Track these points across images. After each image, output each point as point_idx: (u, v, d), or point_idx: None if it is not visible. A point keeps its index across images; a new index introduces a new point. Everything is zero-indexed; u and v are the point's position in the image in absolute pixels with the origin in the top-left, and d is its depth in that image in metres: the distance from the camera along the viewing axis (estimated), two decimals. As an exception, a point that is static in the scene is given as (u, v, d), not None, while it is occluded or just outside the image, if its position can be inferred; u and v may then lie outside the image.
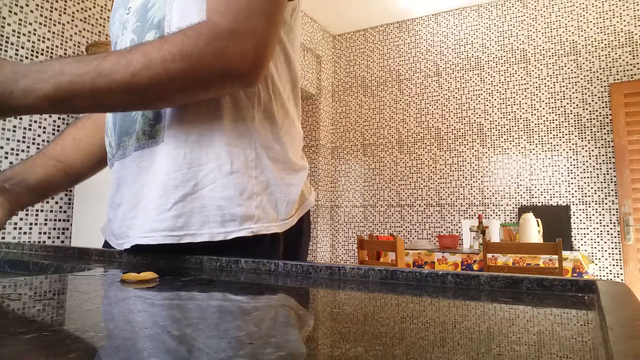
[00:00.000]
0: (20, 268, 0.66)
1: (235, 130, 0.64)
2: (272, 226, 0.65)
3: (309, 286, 0.45)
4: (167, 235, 0.62)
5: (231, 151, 0.63)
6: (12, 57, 2.17)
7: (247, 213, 0.63)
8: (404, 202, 4.29)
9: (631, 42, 3.56)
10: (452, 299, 0.39)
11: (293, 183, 0.70)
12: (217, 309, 0.33)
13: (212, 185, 0.62)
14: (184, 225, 0.62)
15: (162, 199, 0.62)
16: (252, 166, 0.64)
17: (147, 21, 0.65)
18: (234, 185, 0.63)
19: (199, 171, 0.63)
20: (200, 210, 0.62)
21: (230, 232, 0.62)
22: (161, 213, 0.62)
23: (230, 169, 0.63)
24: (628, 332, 0.23)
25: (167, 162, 0.63)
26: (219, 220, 0.62)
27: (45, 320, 0.29)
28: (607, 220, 3.50)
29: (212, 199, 0.62)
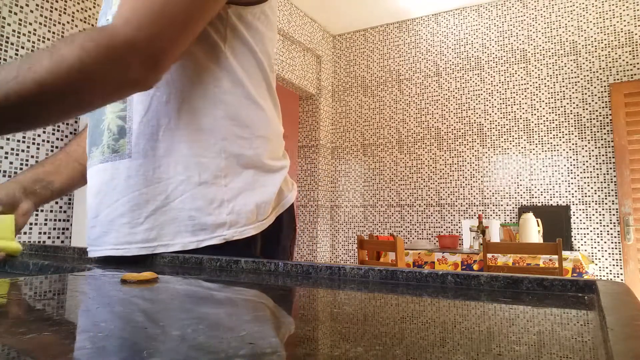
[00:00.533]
0: (20, 268, 0.66)
1: (203, 140, 0.65)
2: (247, 229, 0.66)
3: (309, 286, 0.45)
4: (141, 247, 0.64)
5: (199, 162, 0.65)
6: (12, 57, 2.17)
7: (218, 221, 0.64)
8: (404, 202, 4.29)
9: (631, 42, 3.56)
10: (452, 299, 0.39)
11: (269, 184, 0.71)
12: (216, 309, 0.33)
13: (182, 197, 0.64)
14: (157, 237, 0.64)
15: (134, 214, 0.65)
16: (222, 175, 0.66)
17: None
18: (203, 195, 0.64)
19: (168, 184, 0.64)
20: (172, 222, 0.64)
21: (202, 240, 0.64)
22: (134, 227, 0.64)
23: (198, 180, 0.65)
24: (628, 332, 0.23)
25: (137, 178, 0.65)
26: (191, 230, 0.64)
27: (45, 320, 0.29)
28: (607, 220, 3.50)
29: (183, 210, 0.64)
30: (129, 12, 0.55)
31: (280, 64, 4.06)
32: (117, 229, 0.65)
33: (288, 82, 4.21)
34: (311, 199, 4.48)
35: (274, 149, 0.74)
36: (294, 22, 4.19)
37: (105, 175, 0.67)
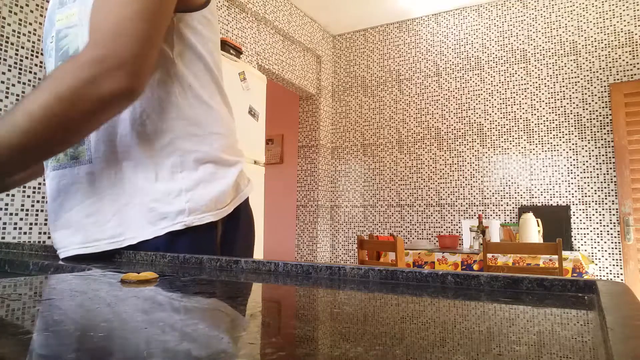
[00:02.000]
0: (20, 268, 0.66)
1: (158, 141, 0.69)
2: (206, 216, 0.70)
3: (309, 286, 0.45)
4: (110, 242, 0.68)
5: (156, 162, 0.69)
6: (12, 57, 2.17)
7: (178, 208, 0.68)
8: (404, 202, 4.29)
9: (631, 42, 3.56)
10: (452, 299, 0.39)
11: (226, 176, 0.75)
12: (216, 309, 0.33)
13: (142, 193, 0.69)
14: (123, 232, 0.68)
15: (100, 214, 0.69)
16: (178, 171, 0.70)
17: (60, 50, 0.70)
18: (162, 190, 0.69)
19: (130, 184, 0.69)
20: (136, 216, 0.68)
21: (163, 228, 0.68)
22: (102, 225, 0.69)
23: (155, 178, 0.69)
24: (628, 332, 0.23)
25: (101, 181, 0.69)
26: (153, 221, 0.68)
27: (45, 320, 0.29)
28: (607, 220, 3.50)
29: (144, 205, 0.68)
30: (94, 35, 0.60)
31: (280, 64, 4.07)
32: (85, 228, 0.69)
33: (288, 82, 4.21)
34: (311, 199, 4.48)
35: (229, 143, 0.78)
36: (294, 22, 4.19)
37: (64, 180, 0.71)
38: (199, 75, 0.74)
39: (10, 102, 2.15)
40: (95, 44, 0.59)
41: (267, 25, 3.89)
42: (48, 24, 0.76)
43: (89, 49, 0.59)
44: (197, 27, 0.74)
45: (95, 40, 0.59)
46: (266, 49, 3.87)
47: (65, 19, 0.70)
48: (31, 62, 2.24)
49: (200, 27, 0.75)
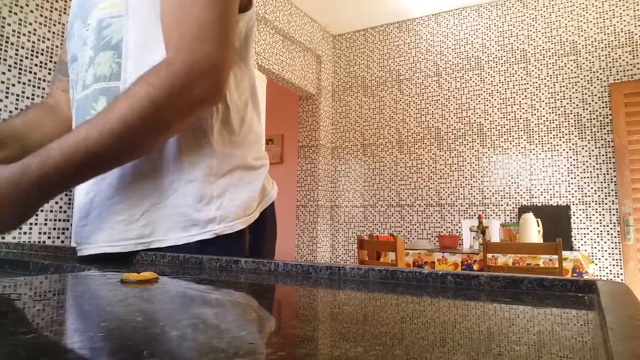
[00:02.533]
0: (20, 268, 0.66)
1: (195, 141, 0.68)
2: (236, 224, 0.69)
3: (309, 286, 0.45)
4: (137, 242, 0.67)
5: (191, 161, 0.68)
6: (12, 57, 2.17)
7: (208, 217, 0.67)
8: (404, 202, 4.29)
9: (631, 42, 3.56)
10: (452, 299, 0.39)
11: (253, 181, 0.74)
12: (216, 309, 0.33)
13: (175, 194, 0.67)
14: (152, 233, 0.67)
15: (130, 212, 0.67)
16: (212, 173, 0.69)
17: (102, 39, 0.68)
18: (193, 192, 0.67)
19: (162, 182, 0.67)
20: (165, 218, 0.67)
21: (193, 235, 0.67)
22: (131, 224, 0.67)
23: (189, 178, 0.67)
24: (628, 332, 0.23)
25: (133, 177, 0.67)
26: (183, 226, 0.67)
27: (45, 320, 0.29)
28: (607, 220, 3.50)
29: (175, 207, 0.67)
30: (175, 40, 0.60)
31: (280, 64, 4.07)
32: (112, 226, 0.67)
33: (288, 82, 4.21)
34: (311, 199, 4.48)
35: (257, 149, 0.77)
36: (294, 22, 4.19)
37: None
38: (238, 78, 0.74)
39: (10, 102, 2.15)
40: (183, 49, 0.59)
41: (267, 25, 3.89)
42: (78, 9, 0.74)
43: (179, 54, 0.59)
44: (242, 29, 0.74)
45: (181, 46, 0.60)
46: (266, 49, 3.87)
47: (109, 8, 0.68)
48: (31, 62, 2.24)
49: (243, 29, 0.74)
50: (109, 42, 0.67)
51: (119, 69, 0.67)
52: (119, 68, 0.67)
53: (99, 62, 0.68)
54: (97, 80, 0.68)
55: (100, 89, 0.67)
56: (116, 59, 0.67)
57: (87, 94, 0.69)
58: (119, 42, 0.67)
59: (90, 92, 0.68)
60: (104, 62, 0.67)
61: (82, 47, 0.72)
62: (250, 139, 0.75)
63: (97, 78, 0.68)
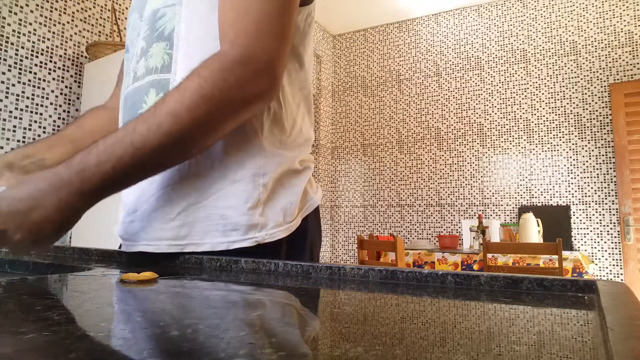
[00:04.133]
0: (20, 268, 0.66)
1: (243, 139, 0.64)
2: (278, 232, 0.64)
3: (309, 286, 0.45)
4: (171, 244, 0.63)
5: (238, 160, 0.63)
6: (12, 57, 2.17)
7: (251, 222, 0.63)
8: (404, 202, 4.29)
9: (631, 42, 3.56)
10: (452, 299, 0.39)
11: (296, 184, 0.70)
12: (216, 309, 0.33)
13: (217, 194, 0.63)
14: (187, 235, 0.63)
15: (166, 209, 0.63)
16: (260, 173, 0.64)
17: (155, 30, 0.65)
18: (238, 193, 0.63)
19: (203, 181, 0.63)
20: (204, 220, 0.63)
21: (233, 242, 0.62)
22: (166, 222, 0.63)
23: (234, 178, 0.63)
24: (628, 332, 0.23)
25: (172, 173, 0.63)
26: (222, 230, 0.62)
27: (45, 320, 0.29)
28: (607, 220, 3.50)
29: (216, 208, 0.62)
30: (232, 34, 0.57)
31: (280, 64, 4.06)
32: (151, 224, 0.64)
33: (288, 82, 4.21)
34: (311, 199, 4.48)
35: (304, 153, 0.73)
36: (294, 22, 4.19)
37: None
38: (292, 77, 0.70)
39: (10, 102, 2.15)
40: (238, 43, 0.56)
41: (267, 25, 3.89)
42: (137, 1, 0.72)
43: (233, 48, 0.56)
44: (300, 25, 0.69)
45: (237, 39, 0.57)
46: (266, 49, 3.87)
47: None
48: (31, 62, 2.24)
49: (304, 25, 0.70)
50: (162, 33, 0.65)
51: (171, 60, 0.64)
52: (170, 60, 0.64)
53: (152, 54, 0.65)
54: (149, 73, 0.65)
55: (152, 81, 0.64)
56: (168, 50, 0.64)
57: (138, 86, 0.66)
58: (171, 32, 0.64)
59: (142, 85, 0.65)
60: (156, 54, 0.65)
61: (135, 38, 0.70)
62: (299, 141, 0.71)
63: (149, 70, 0.65)
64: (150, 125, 0.53)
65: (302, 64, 0.72)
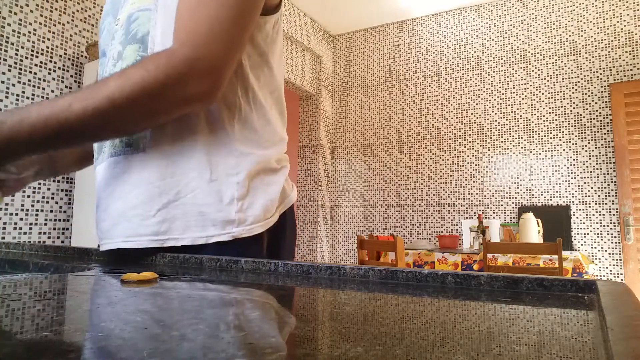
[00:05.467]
0: (20, 268, 0.66)
1: (215, 140, 0.67)
2: (255, 227, 0.68)
3: (309, 286, 0.45)
4: (152, 239, 0.65)
5: (211, 160, 0.66)
6: (12, 57, 2.17)
7: (228, 218, 0.66)
8: (404, 202, 4.29)
9: (631, 42, 3.56)
10: (452, 299, 0.39)
11: (273, 183, 0.73)
12: (216, 309, 0.33)
13: (194, 192, 0.66)
14: (167, 230, 0.65)
15: (146, 206, 0.66)
16: (233, 173, 0.67)
17: (129, 33, 0.68)
18: (214, 192, 0.66)
19: (181, 180, 0.66)
20: (182, 216, 0.65)
21: (211, 236, 0.65)
22: (146, 219, 0.65)
23: (210, 177, 0.66)
24: (628, 332, 0.23)
25: (150, 171, 0.66)
26: (200, 226, 0.65)
27: (45, 320, 0.29)
28: (607, 220, 3.50)
29: (194, 206, 0.66)
30: (184, 34, 0.59)
31: (280, 64, 4.07)
32: (129, 219, 0.66)
33: (288, 82, 4.21)
34: (311, 199, 4.48)
35: (278, 152, 0.76)
36: (294, 22, 4.19)
37: (117, 169, 0.68)
38: (261, 81, 0.73)
39: (10, 102, 2.15)
40: (188, 44, 0.58)
41: (267, 25, 3.89)
42: (111, 5, 0.75)
43: (183, 48, 0.58)
44: (269, 31, 0.72)
45: (187, 40, 0.59)
46: (266, 49, 3.87)
47: (138, 2, 0.67)
48: (31, 62, 2.24)
49: (272, 31, 0.73)
50: (135, 36, 0.67)
51: None
52: None
53: (126, 56, 0.67)
54: None
55: None
56: (141, 52, 0.66)
57: None
58: (145, 35, 0.66)
59: None
60: (129, 56, 0.67)
61: (110, 42, 0.72)
62: (273, 140, 0.74)
63: None
64: (87, 107, 0.56)
65: (271, 68, 0.75)
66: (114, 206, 0.68)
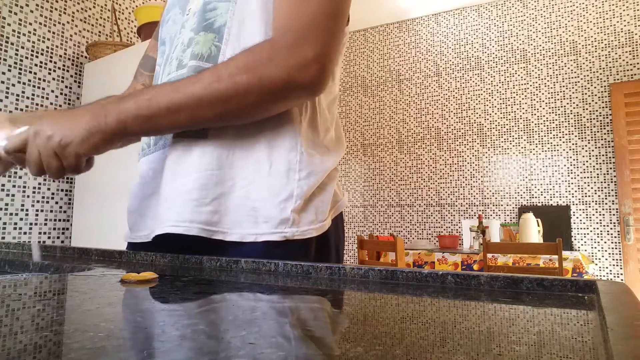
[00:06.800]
0: (20, 268, 0.66)
1: (280, 136, 0.65)
2: (309, 230, 0.65)
3: (309, 286, 0.45)
4: (203, 228, 0.62)
5: (272, 155, 0.64)
6: (12, 57, 2.17)
7: (283, 216, 0.63)
8: (404, 202, 4.29)
9: (631, 42, 3.56)
10: (452, 299, 0.39)
11: (327, 186, 0.70)
12: (216, 309, 0.33)
13: (249, 186, 0.63)
14: (218, 222, 0.63)
15: (203, 192, 0.63)
16: (296, 169, 0.65)
17: (205, 21, 0.67)
18: (270, 187, 0.63)
19: (238, 171, 0.64)
20: (235, 209, 0.63)
21: (261, 234, 0.62)
22: (200, 206, 0.63)
23: (268, 171, 0.64)
24: (628, 332, 0.23)
25: (210, 159, 0.64)
26: (252, 221, 0.63)
27: (45, 320, 0.29)
28: (607, 220, 3.50)
29: (248, 200, 0.63)
30: (286, 25, 0.59)
31: (280, 64, 4.06)
32: (182, 204, 0.63)
33: (288, 82, 4.21)
34: (311, 199, 4.48)
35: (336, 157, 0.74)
36: (294, 22, 4.19)
37: (176, 152, 0.66)
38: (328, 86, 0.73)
39: (10, 102, 2.15)
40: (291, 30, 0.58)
41: (267, 25, 3.89)
42: None
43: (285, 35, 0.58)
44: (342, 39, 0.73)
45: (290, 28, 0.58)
46: (266, 49, 3.87)
47: None
48: (31, 62, 2.24)
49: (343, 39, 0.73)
50: (211, 25, 0.66)
51: (218, 52, 0.65)
52: (217, 51, 0.65)
53: (198, 41, 0.66)
54: (194, 58, 0.66)
55: (195, 67, 0.65)
56: (216, 42, 0.65)
57: (182, 72, 0.67)
58: (222, 26, 0.65)
59: (186, 71, 0.66)
60: (203, 43, 0.66)
61: (179, 30, 0.72)
62: (330, 147, 0.73)
63: (194, 56, 0.66)
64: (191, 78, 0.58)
65: (334, 77, 0.75)
66: (168, 188, 0.66)
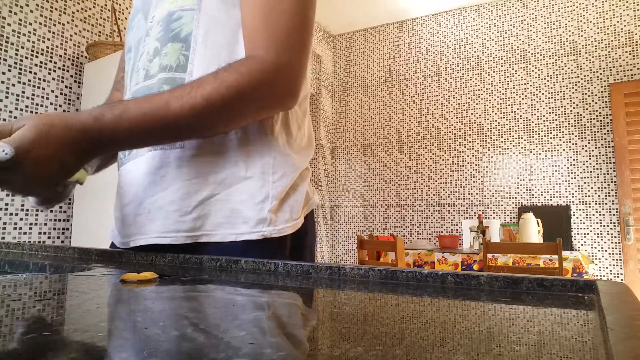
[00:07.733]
0: (20, 268, 0.66)
1: (254, 139, 0.68)
2: (285, 228, 0.68)
3: (309, 286, 0.45)
4: (188, 236, 0.66)
5: (248, 159, 0.68)
6: (12, 57, 2.17)
7: (260, 216, 0.66)
8: (404, 202, 4.29)
9: (631, 42, 3.56)
10: (452, 299, 0.39)
11: (300, 185, 0.74)
12: (216, 309, 0.33)
13: (229, 189, 0.67)
14: (201, 226, 0.66)
15: (184, 202, 0.66)
16: (270, 172, 0.68)
17: (171, 31, 0.69)
18: (249, 189, 0.67)
19: (217, 177, 0.67)
20: (216, 213, 0.66)
21: (241, 234, 0.66)
22: (184, 215, 0.66)
23: (245, 175, 0.67)
24: (628, 332, 0.23)
25: (189, 168, 0.67)
26: (232, 223, 0.66)
27: (45, 320, 0.29)
28: (607, 220, 3.50)
29: (228, 202, 0.66)
30: (262, 41, 0.62)
31: (280, 64, 4.06)
32: (165, 216, 0.67)
33: (288, 82, 4.21)
34: (311, 199, 4.48)
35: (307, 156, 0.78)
36: (294, 22, 4.19)
37: (153, 163, 0.68)
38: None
39: (10, 102, 2.15)
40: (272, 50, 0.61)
41: (267, 25, 3.89)
42: (141, 4, 0.76)
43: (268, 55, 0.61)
44: None
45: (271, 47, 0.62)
46: (266, 49, 3.87)
47: (180, 1, 0.69)
48: (31, 62, 2.24)
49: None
50: (178, 35, 0.68)
51: (186, 61, 0.67)
52: (186, 60, 0.67)
53: (166, 53, 0.68)
54: (163, 70, 0.68)
55: (165, 79, 0.67)
56: (184, 52, 0.67)
57: (150, 83, 0.69)
58: (188, 34, 0.67)
59: (155, 82, 0.68)
60: (171, 53, 0.68)
61: (143, 39, 0.73)
62: (303, 145, 0.76)
63: (163, 68, 0.68)
64: (184, 105, 0.58)
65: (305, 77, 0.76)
66: (149, 201, 0.68)
